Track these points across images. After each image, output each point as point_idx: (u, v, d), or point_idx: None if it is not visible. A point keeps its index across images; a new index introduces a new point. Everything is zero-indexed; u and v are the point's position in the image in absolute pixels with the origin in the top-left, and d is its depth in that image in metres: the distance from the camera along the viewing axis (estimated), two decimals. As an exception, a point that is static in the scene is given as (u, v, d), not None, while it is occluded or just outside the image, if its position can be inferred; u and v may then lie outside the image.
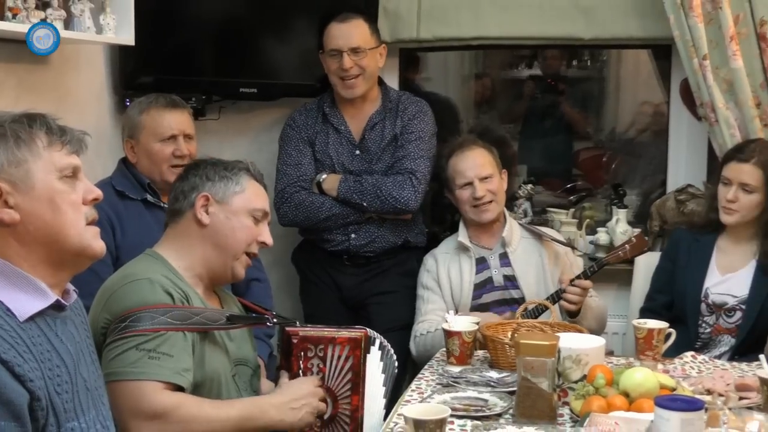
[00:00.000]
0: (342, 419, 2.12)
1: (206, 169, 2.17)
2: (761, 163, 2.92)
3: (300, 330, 2.14)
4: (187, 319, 1.99)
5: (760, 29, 3.21)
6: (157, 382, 1.91)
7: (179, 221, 2.15)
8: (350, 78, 3.21)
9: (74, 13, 2.67)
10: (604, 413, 2.02)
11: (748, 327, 2.95)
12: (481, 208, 3.09)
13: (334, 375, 2.12)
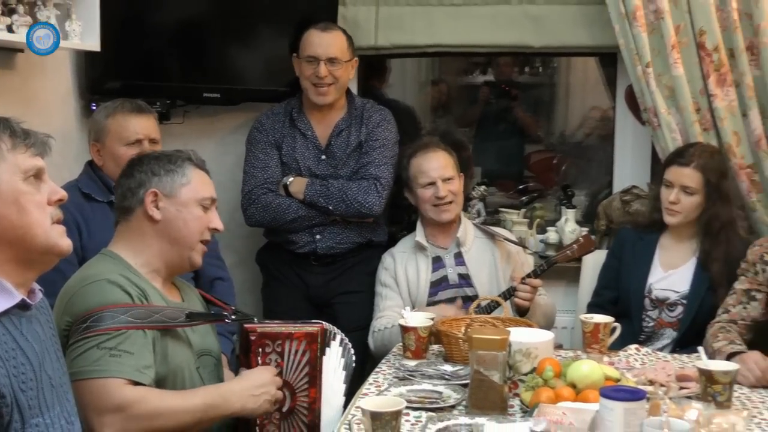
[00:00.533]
0: (300, 411, 2.11)
1: (150, 164, 2.12)
2: (701, 166, 2.96)
3: (258, 326, 2.11)
4: (146, 318, 1.97)
5: (700, 39, 3.24)
6: (119, 379, 1.89)
7: (130, 219, 2.11)
8: (323, 86, 3.21)
9: (40, 20, 2.64)
10: (552, 404, 2.03)
11: (688, 321, 2.99)
12: (442, 208, 3.09)
13: (292, 369, 2.10)
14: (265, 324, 2.14)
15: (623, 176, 3.75)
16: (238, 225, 3.51)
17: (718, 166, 3.01)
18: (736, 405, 2.24)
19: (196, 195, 2.13)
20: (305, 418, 2.11)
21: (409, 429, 2.06)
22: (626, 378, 2.31)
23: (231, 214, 3.47)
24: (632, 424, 1.81)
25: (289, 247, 3.30)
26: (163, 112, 3.40)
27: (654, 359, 2.69)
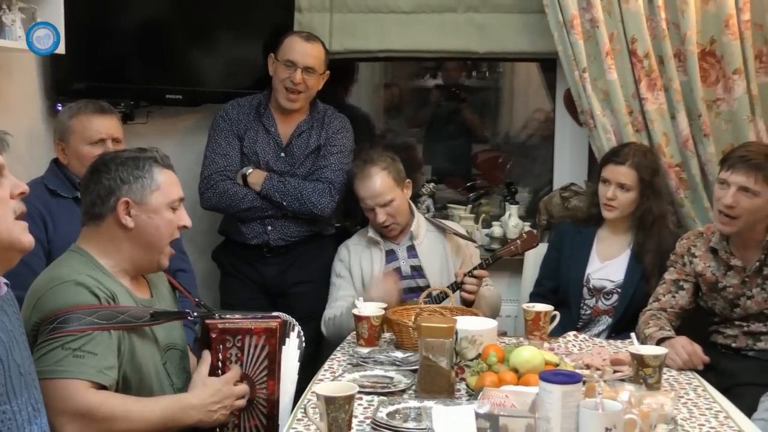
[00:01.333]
0: (259, 402, 2.08)
1: (118, 170, 2.03)
2: (635, 165, 3.00)
3: (219, 323, 2.06)
4: (112, 319, 1.92)
5: (632, 46, 3.28)
6: (82, 381, 1.85)
7: (100, 224, 2.03)
8: (295, 92, 3.19)
9: (5, 23, 2.57)
10: (496, 387, 2.04)
11: (622, 308, 3.03)
12: (384, 230, 3.11)
13: (252, 363, 2.06)
14: (226, 320, 2.09)
15: (562, 174, 3.78)
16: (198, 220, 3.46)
17: (650, 165, 3.06)
18: (665, 386, 2.28)
19: (167, 199, 2.06)
20: (264, 410, 2.07)
21: (362, 412, 2.06)
22: (565, 362, 2.32)
23: (191, 210, 3.37)
24: (569, 405, 1.82)
25: (242, 240, 3.28)
26: (127, 113, 3.35)
27: (591, 345, 2.72)
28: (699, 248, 2.87)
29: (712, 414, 2.13)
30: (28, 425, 1.63)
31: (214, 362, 2.05)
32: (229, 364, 2.07)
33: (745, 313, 2.81)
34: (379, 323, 2.63)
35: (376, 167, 3.09)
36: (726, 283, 2.81)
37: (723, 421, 2.07)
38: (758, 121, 3.27)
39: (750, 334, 2.82)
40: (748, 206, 2.67)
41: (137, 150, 2.11)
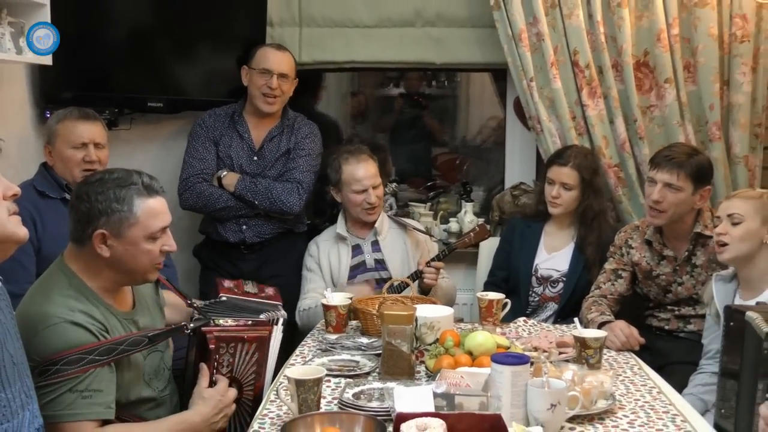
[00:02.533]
0: (245, 403, 2.05)
1: (97, 200, 1.89)
2: (576, 166, 3.03)
3: (215, 330, 2.01)
4: (112, 352, 1.86)
5: (574, 57, 3.30)
6: (90, 422, 1.82)
7: (82, 247, 1.93)
8: (272, 96, 3.20)
9: (-5, 35, 2.54)
10: (452, 369, 2.05)
11: (567, 295, 3.05)
12: (369, 211, 3.10)
13: (242, 367, 2.03)
14: (221, 327, 2.02)
15: (513, 174, 3.79)
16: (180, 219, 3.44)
17: (591, 165, 3.08)
18: (605, 366, 2.30)
19: (145, 232, 1.92)
20: (249, 408, 2.05)
21: (330, 393, 2.06)
22: (515, 345, 2.34)
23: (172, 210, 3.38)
24: (518, 384, 1.84)
25: (221, 238, 3.28)
26: (112, 119, 3.33)
27: (538, 329, 2.74)
28: (635, 240, 2.90)
29: (647, 390, 2.15)
30: (21, 411, 1.62)
31: (210, 371, 2.01)
32: (222, 369, 2.03)
33: (676, 299, 2.85)
34: (346, 312, 2.63)
35: (367, 153, 3.14)
36: (659, 271, 2.84)
37: (656, 396, 2.10)
38: (687, 125, 3.30)
39: (681, 318, 2.86)
40: (673, 200, 2.71)
41: (123, 176, 1.95)
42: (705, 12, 3.23)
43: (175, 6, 3.42)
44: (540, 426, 1.79)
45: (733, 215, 2.39)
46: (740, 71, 3.25)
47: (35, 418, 1.68)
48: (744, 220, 2.37)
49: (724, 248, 2.41)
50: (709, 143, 3.31)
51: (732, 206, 2.42)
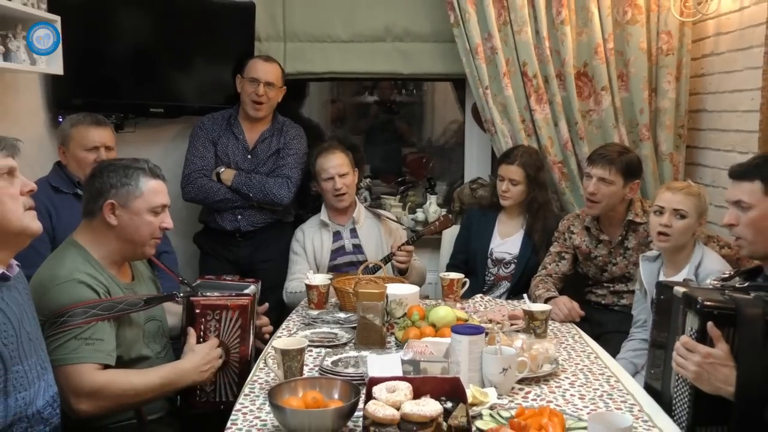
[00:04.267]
0: (232, 364, 2.03)
1: (109, 176, 1.97)
2: (522, 164, 3.03)
3: (201, 299, 2.01)
4: (112, 309, 1.87)
5: (523, 68, 3.30)
6: (93, 364, 1.81)
7: (93, 219, 1.98)
8: (259, 103, 3.18)
9: (11, 49, 2.48)
10: (418, 339, 2.05)
11: (518, 275, 3.06)
12: (339, 197, 3.08)
13: (227, 332, 2.01)
14: (207, 297, 2.02)
15: (471, 170, 3.80)
16: (180, 210, 3.43)
17: (535, 163, 3.08)
18: (549, 335, 2.32)
19: (148, 205, 1.98)
20: (236, 369, 2.03)
21: (311, 361, 2.06)
22: (472, 318, 2.36)
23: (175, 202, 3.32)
24: (475, 351, 1.85)
25: (218, 227, 3.26)
26: (118, 124, 3.29)
27: (493, 304, 2.75)
28: (576, 227, 2.92)
29: (585, 355, 2.17)
30: (37, 381, 1.61)
31: (198, 334, 2.00)
32: (209, 333, 2.02)
33: (611, 277, 2.87)
34: (326, 290, 2.63)
35: (338, 148, 3.14)
36: (597, 253, 2.86)
37: (594, 361, 2.12)
38: (621, 127, 3.33)
39: (615, 293, 2.89)
40: (606, 192, 2.73)
41: (132, 160, 2.04)
42: (635, 29, 3.25)
43: (174, 23, 3.38)
44: (493, 387, 1.81)
45: (680, 210, 2.36)
46: (666, 80, 3.29)
47: (49, 387, 1.67)
48: (688, 215, 2.36)
49: (666, 238, 2.38)
50: (639, 142, 3.33)
51: (678, 201, 2.37)
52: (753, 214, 1.86)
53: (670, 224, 2.37)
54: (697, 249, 2.41)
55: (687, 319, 1.77)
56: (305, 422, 1.56)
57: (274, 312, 2.62)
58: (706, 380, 1.67)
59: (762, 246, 1.89)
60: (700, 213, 2.38)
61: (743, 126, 2.91)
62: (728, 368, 1.65)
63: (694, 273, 2.35)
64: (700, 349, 1.68)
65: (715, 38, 3.17)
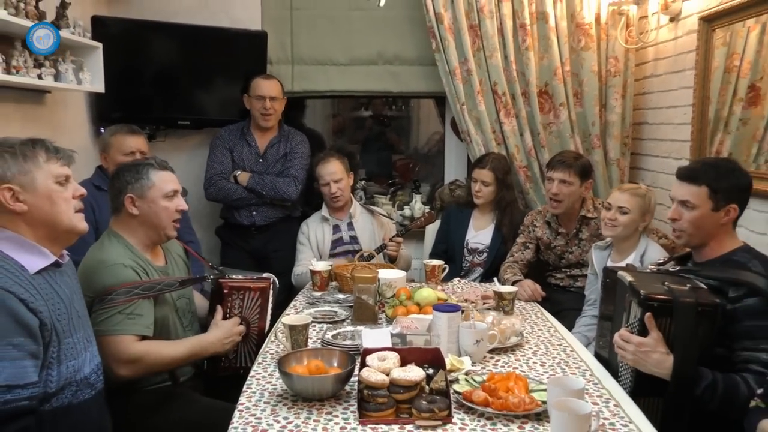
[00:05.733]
0: (252, 336, 2.04)
1: (125, 175, 1.97)
2: (492, 168, 3.02)
3: (228, 281, 2.03)
4: (151, 289, 1.88)
5: (494, 87, 3.30)
6: (133, 336, 1.82)
7: (120, 213, 1.98)
8: (268, 115, 3.19)
9: (61, 71, 2.47)
10: (405, 316, 2.06)
11: (489, 262, 3.05)
12: (334, 199, 3.07)
13: (249, 309, 2.03)
14: (233, 280, 2.05)
15: (450, 173, 3.79)
16: (204, 207, 3.44)
17: (503, 167, 3.08)
18: (516, 312, 2.32)
19: (161, 192, 1.97)
20: (255, 339, 2.04)
21: (315, 335, 2.05)
22: (451, 298, 2.35)
23: (198, 201, 3.37)
24: (453, 326, 1.85)
25: (236, 222, 3.24)
26: (151, 134, 3.29)
27: (469, 287, 2.75)
28: (538, 221, 2.92)
29: (546, 329, 2.18)
30: (84, 351, 1.62)
31: (225, 311, 2.02)
32: (234, 311, 2.03)
33: (568, 263, 2.88)
34: (327, 275, 2.61)
35: (333, 156, 3.11)
36: (556, 243, 2.87)
37: (553, 334, 2.13)
38: (576, 137, 3.33)
39: (571, 277, 2.89)
40: (567, 192, 2.74)
41: (142, 159, 2.09)
42: (588, 54, 3.26)
43: (198, 49, 3.36)
44: (468, 356, 1.81)
45: (623, 207, 2.38)
46: (614, 98, 3.29)
47: (94, 357, 1.67)
48: (630, 212, 2.37)
49: (612, 229, 2.40)
50: (592, 150, 3.34)
51: (623, 200, 2.39)
52: (696, 213, 1.86)
53: (614, 218, 2.40)
54: (643, 240, 2.43)
55: (632, 307, 1.76)
56: (309, 386, 1.56)
57: (283, 293, 2.62)
58: (641, 365, 1.68)
59: (697, 239, 1.89)
60: (643, 211, 2.39)
61: (678, 136, 2.92)
62: (658, 354, 1.65)
63: (639, 260, 2.36)
64: (633, 340, 1.69)
65: (654, 62, 3.18)
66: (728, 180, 1.83)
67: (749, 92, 2.41)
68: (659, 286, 1.72)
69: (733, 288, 1.71)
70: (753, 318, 1.67)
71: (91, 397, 1.61)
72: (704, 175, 1.85)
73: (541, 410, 1.48)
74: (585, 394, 1.56)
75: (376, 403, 1.48)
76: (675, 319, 1.65)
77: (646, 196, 2.42)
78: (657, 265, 2.01)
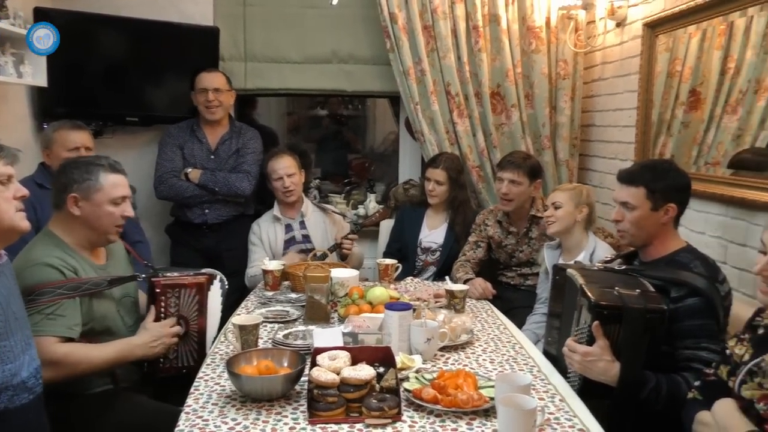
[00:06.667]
0: (192, 335, 1.98)
1: (71, 172, 1.89)
2: (445, 167, 3.04)
3: (162, 280, 1.95)
4: (77, 289, 1.80)
5: (447, 88, 3.32)
6: (53, 337, 1.74)
7: (61, 211, 1.91)
8: (212, 107, 3.12)
9: (0, 64, 2.38)
10: (357, 315, 2.06)
11: (442, 261, 3.07)
12: (287, 194, 3.04)
13: (186, 307, 1.96)
14: (167, 278, 1.97)
15: (404, 173, 3.80)
16: (153, 205, 3.35)
17: (456, 167, 3.10)
18: (467, 310, 2.34)
19: (108, 196, 1.90)
20: (196, 338, 1.98)
21: (266, 335, 2.03)
22: (404, 297, 2.36)
23: (148, 199, 3.29)
24: (404, 324, 1.86)
25: (188, 220, 3.17)
26: (98, 130, 3.18)
27: (421, 285, 2.76)
28: (490, 220, 2.96)
29: (496, 327, 2.21)
30: (22, 355, 1.55)
31: (158, 311, 1.94)
32: (170, 309, 1.96)
33: (518, 262, 2.92)
34: (279, 274, 2.60)
35: (285, 152, 3.09)
36: (507, 242, 2.91)
37: (503, 331, 2.16)
38: (527, 137, 3.39)
39: (522, 275, 2.94)
40: (516, 192, 2.78)
41: (94, 158, 1.97)
42: (539, 57, 3.32)
43: (148, 44, 3.27)
44: (419, 354, 1.82)
45: (556, 202, 2.48)
46: (563, 100, 3.36)
47: (33, 360, 1.60)
48: (563, 206, 2.46)
49: (551, 224, 2.49)
50: (542, 151, 3.40)
51: (555, 197, 2.51)
52: (636, 214, 1.91)
53: (551, 214, 2.48)
54: (591, 239, 2.49)
55: (582, 312, 1.77)
56: (258, 387, 1.54)
57: (235, 294, 2.57)
58: (587, 373, 1.70)
59: (640, 238, 1.95)
60: (576, 203, 2.46)
61: (623, 138, 3.00)
62: (604, 362, 1.67)
63: (589, 258, 2.41)
64: (579, 350, 1.71)
65: (602, 66, 3.26)
66: (664, 180, 1.89)
67: (690, 97, 2.50)
68: (610, 291, 1.73)
69: (676, 288, 1.77)
70: (694, 317, 1.72)
71: (29, 401, 1.55)
72: (641, 176, 1.91)
73: (489, 406, 1.50)
74: (532, 389, 1.58)
75: (326, 402, 1.47)
76: (623, 327, 1.67)
77: (576, 189, 2.51)
78: (604, 262, 2.06)
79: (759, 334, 1.48)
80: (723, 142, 2.32)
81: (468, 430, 1.43)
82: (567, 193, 2.48)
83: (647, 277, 1.83)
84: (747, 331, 1.53)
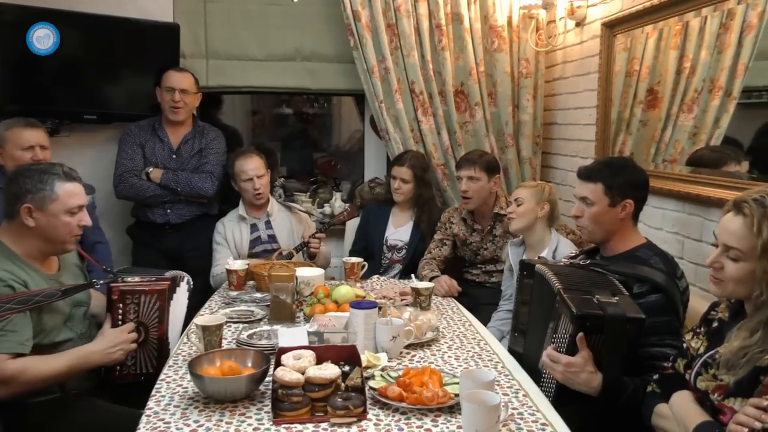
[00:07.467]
0: (151, 342, 1.92)
1: (24, 182, 1.82)
2: (411, 165, 3.05)
3: (120, 286, 1.88)
4: (27, 302, 1.71)
5: (411, 86, 3.33)
6: (3, 354, 1.67)
7: (13, 221, 1.83)
8: (177, 108, 3.07)
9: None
10: (323, 314, 2.05)
11: (408, 259, 3.08)
12: (257, 196, 3.00)
13: (146, 314, 1.90)
14: (126, 283, 1.89)
15: (370, 171, 3.80)
16: (113, 206, 3.27)
17: (421, 165, 3.11)
18: (433, 308, 2.35)
19: (64, 206, 1.83)
20: (155, 345, 1.92)
21: (230, 335, 2.00)
22: (370, 295, 2.36)
23: (108, 199, 3.22)
24: (369, 323, 1.86)
25: (149, 220, 3.11)
26: (54, 129, 3.09)
27: (387, 284, 2.77)
28: (455, 218, 2.98)
29: (462, 324, 2.22)
30: None
31: (115, 318, 1.87)
32: (128, 316, 1.89)
33: (483, 259, 2.95)
34: (244, 274, 2.57)
35: (254, 152, 3.05)
36: (472, 240, 2.93)
37: (468, 328, 2.17)
38: (490, 136, 3.42)
39: (487, 273, 2.97)
40: (475, 188, 2.81)
41: (48, 166, 1.89)
42: (501, 56, 3.35)
43: (105, 40, 3.19)
44: (385, 352, 1.82)
45: (518, 199, 2.51)
46: (525, 98, 3.41)
47: None
48: (524, 202, 2.49)
49: (513, 221, 2.52)
50: (505, 149, 3.44)
51: (518, 193, 2.54)
52: (594, 210, 1.95)
53: (513, 210, 2.51)
54: (554, 236, 2.52)
55: (561, 320, 1.73)
56: (221, 388, 1.52)
57: (200, 294, 2.53)
58: (570, 383, 1.67)
59: (599, 234, 1.98)
60: (538, 200, 2.49)
61: (584, 136, 3.06)
62: (586, 374, 1.64)
63: (552, 255, 2.44)
64: (562, 360, 1.66)
65: (563, 65, 3.31)
66: (621, 176, 1.93)
67: (648, 95, 2.55)
68: (589, 299, 1.70)
69: (638, 284, 1.80)
70: (656, 314, 1.74)
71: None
72: (599, 173, 1.95)
73: (454, 403, 1.50)
74: (496, 385, 1.60)
75: (291, 402, 1.45)
76: (606, 337, 1.64)
77: (539, 186, 2.55)
78: (569, 258, 2.09)
79: (713, 328, 1.52)
80: (680, 140, 2.38)
81: (433, 426, 1.44)
82: (529, 190, 2.51)
83: (610, 272, 1.86)
84: (702, 325, 1.57)
